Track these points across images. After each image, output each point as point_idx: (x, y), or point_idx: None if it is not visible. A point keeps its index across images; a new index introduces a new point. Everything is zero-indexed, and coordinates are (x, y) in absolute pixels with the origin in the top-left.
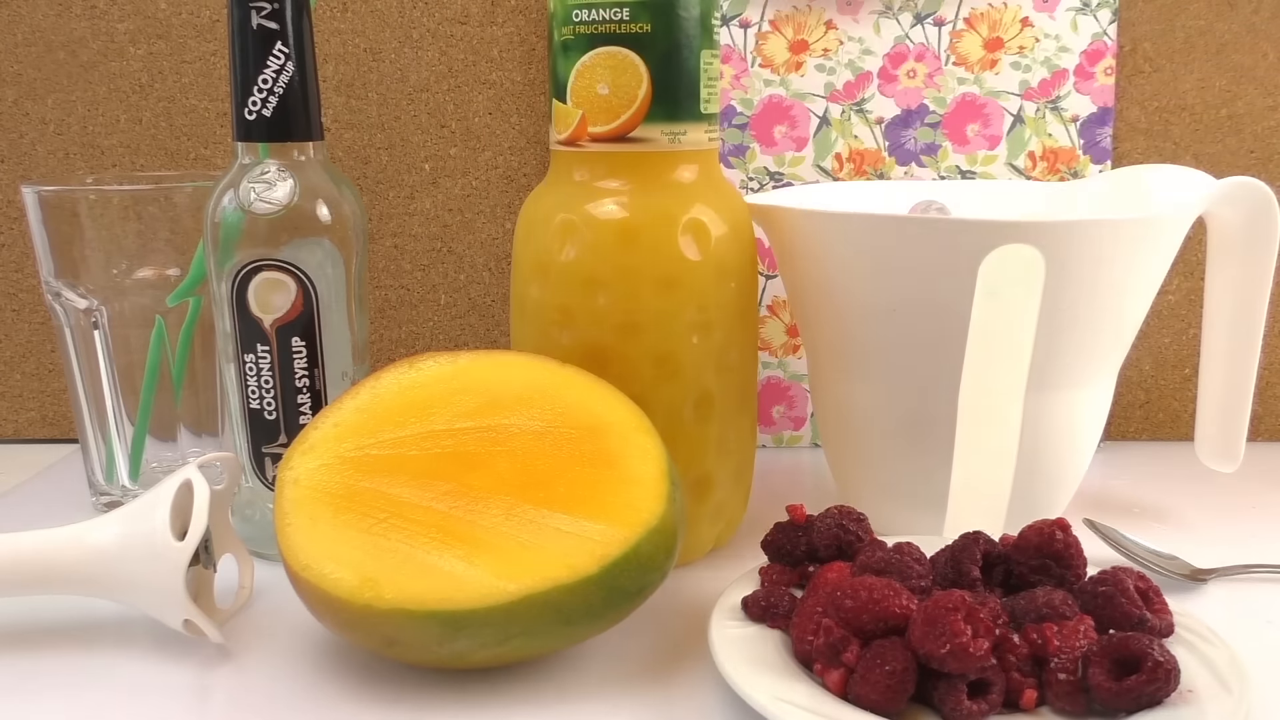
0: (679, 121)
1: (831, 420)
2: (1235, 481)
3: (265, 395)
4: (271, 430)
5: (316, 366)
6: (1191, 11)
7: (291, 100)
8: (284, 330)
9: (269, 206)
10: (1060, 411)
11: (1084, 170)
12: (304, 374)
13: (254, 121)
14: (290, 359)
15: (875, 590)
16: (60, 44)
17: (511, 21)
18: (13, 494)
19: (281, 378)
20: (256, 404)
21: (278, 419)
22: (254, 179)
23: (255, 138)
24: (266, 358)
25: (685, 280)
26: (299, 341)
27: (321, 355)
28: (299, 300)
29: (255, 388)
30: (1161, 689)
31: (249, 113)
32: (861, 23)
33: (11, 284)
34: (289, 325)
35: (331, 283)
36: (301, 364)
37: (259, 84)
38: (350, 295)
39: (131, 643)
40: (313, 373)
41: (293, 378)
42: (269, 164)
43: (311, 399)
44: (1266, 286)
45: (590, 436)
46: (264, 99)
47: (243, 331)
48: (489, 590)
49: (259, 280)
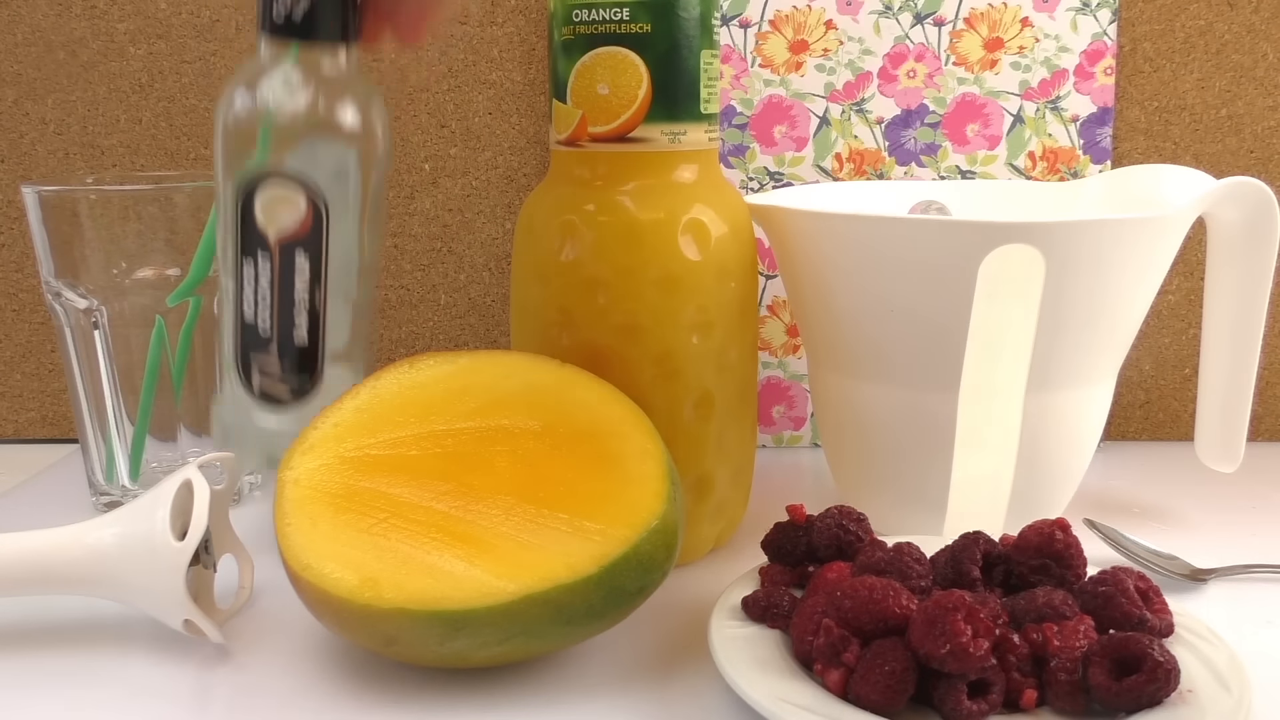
0: (679, 121)
1: (831, 420)
2: (1235, 481)
3: (261, 309)
4: (263, 343)
5: (319, 287)
6: (1191, 11)
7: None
8: (289, 246)
9: (289, 111)
10: (1060, 411)
11: (1084, 170)
12: (304, 292)
13: (282, 20)
14: (292, 276)
15: (875, 590)
16: (60, 44)
17: (511, 21)
18: (13, 494)
19: (280, 294)
20: (251, 316)
21: (271, 336)
22: (273, 81)
23: (282, 36)
24: (267, 271)
25: (685, 280)
26: (303, 258)
27: (325, 276)
28: (308, 218)
29: (251, 300)
30: (1161, 689)
31: (278, 11)
32: (861, 23)
33: (12, 284)
34: (295, 242)
35: (346, 197)
36: (303, 282)
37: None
38: (365, 213)
39: (131, 643)
40: (313, 292)
41: (292, 294)
42: (291, 66)
43: (309, 319)
44: (1266, 286)
45: (590, 436)
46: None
47: (245, 243)
48: (489, 590)
49: (268, 194)
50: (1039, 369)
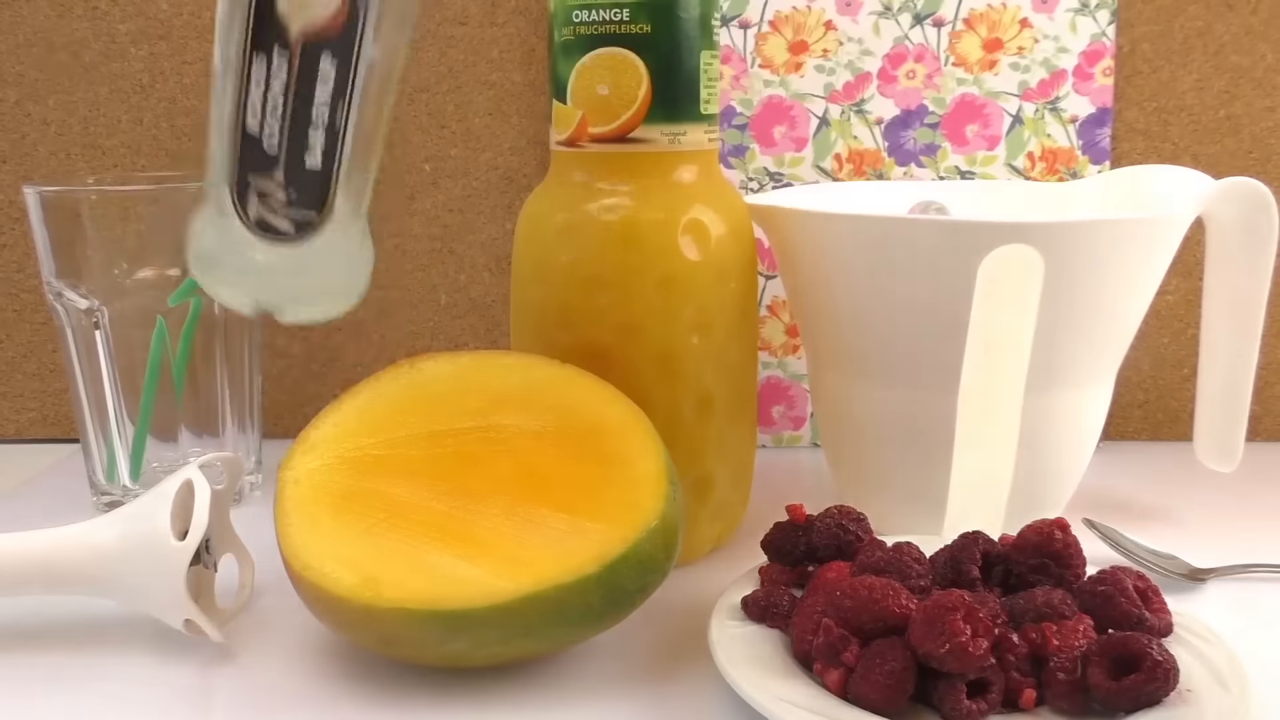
0: (679, 122)
1: (831, 420)
2: (1235, 481)
3: (270, 119)
4: (267, 161)
5: (343, 101)
6: (1190, 12)
7: None
8: (313, 47)
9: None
10: (1060, 411)
11: (1083, 171)
12: (325, 106)
13: None
14: (313, 83)
15: (875, 590)
16: (62, 45)
17: (511, 22)
18: (13, 494)
19: (297, 102)
20: (255, 125)
21: (279, 154)
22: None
23: None
24: (282, 71)
25: (685, 280)
26: (329, 64)
27: (353, 89)
28: (343, 10)
29: (258, 107)
30: (1160, 688)
31: None
32: (861, 23)
33: (13, 284)
34: (321, 42)
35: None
36: (325, 93)
37: None
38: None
39: (131, 643)
40: (336, 107)
41: (310, 106)
42: None
43: (326, 139)
44: (1265, 286)
45: (590, 436)
46: None
47: (258, 32)
48: (489, 590)
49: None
50: (1039, 369)
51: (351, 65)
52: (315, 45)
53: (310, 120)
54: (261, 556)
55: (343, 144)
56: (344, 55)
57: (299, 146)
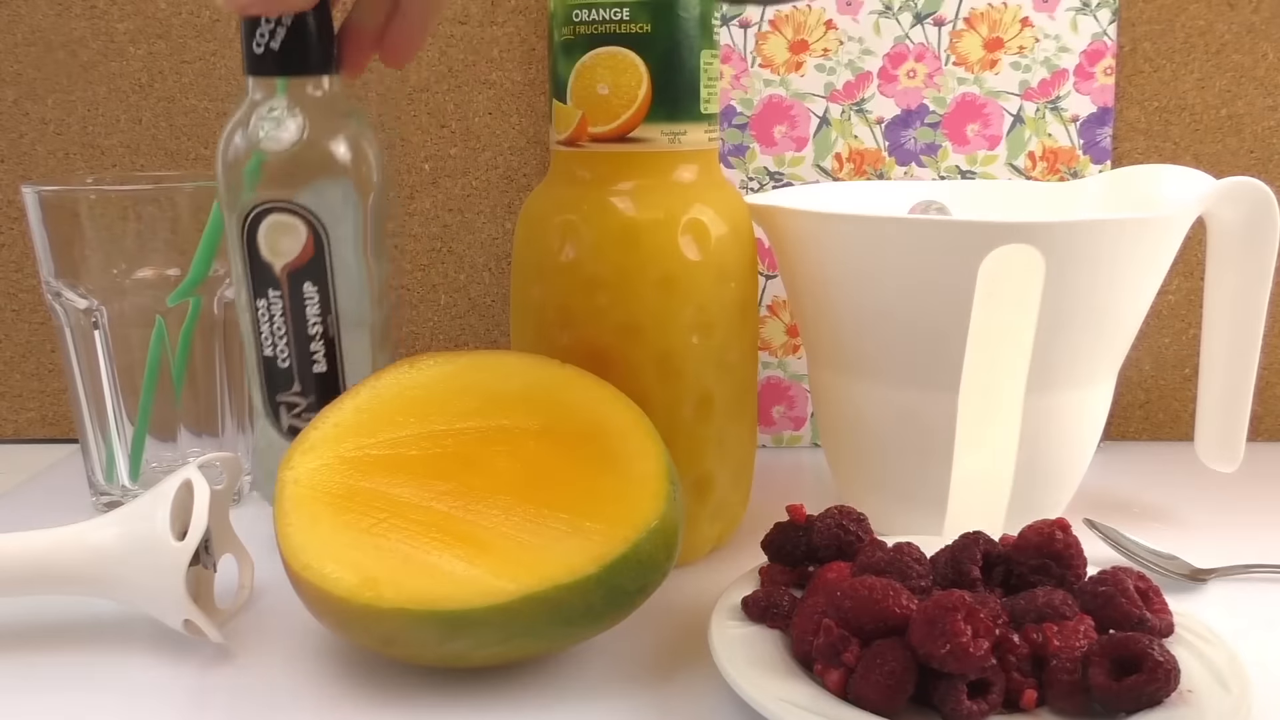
0: (679, 121)
1: (831, 420)
2: (1235, 481)
3: (278, 342)
4: (285, 378)
5: (329, 313)
6: (1191, 11)
7: (301, 31)
8: (295, 275)
9: (278, 145)
10: (1060, 411)
11: (1084, 170)
12: (316, 321)
13: (261, 55)
14: (302, 305)
15: (875, 590)
16: (60, 44)
17: (511, 21)
18: (13, 494)
19: (293, 324)
20: (270, 350)
21: (291, 366)
22: (263, 116)
23: (263, 72)
24: (279, 303)
25: (685, 280)
26: (310, 287)
27: (335, 301)
28: (309, 244)
29: (268, 334)
30: (1161, 689)
31: (257, 45)
32: (861, 23)
33: (11, 284)
34: (300, 270)
35: (347, 225)
36: (314, 310)
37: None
38: (367, 237)
39: (131, 643)
40: (325, 319)
41: (305, 324)
42: (278, 100)
43: (325, 346)
44: (1266, 286)
45: (590, 436)
46: (272, 30)
47: (254, 276)
48: (489, 590)
49: (268, 223)
50: (1039, 369)
51: (329, 284)
52: (296, 274)
53: (308, 334)
54: (261, 556)
55: (339, 349)
56: (320, 277)
57: (305, 357)
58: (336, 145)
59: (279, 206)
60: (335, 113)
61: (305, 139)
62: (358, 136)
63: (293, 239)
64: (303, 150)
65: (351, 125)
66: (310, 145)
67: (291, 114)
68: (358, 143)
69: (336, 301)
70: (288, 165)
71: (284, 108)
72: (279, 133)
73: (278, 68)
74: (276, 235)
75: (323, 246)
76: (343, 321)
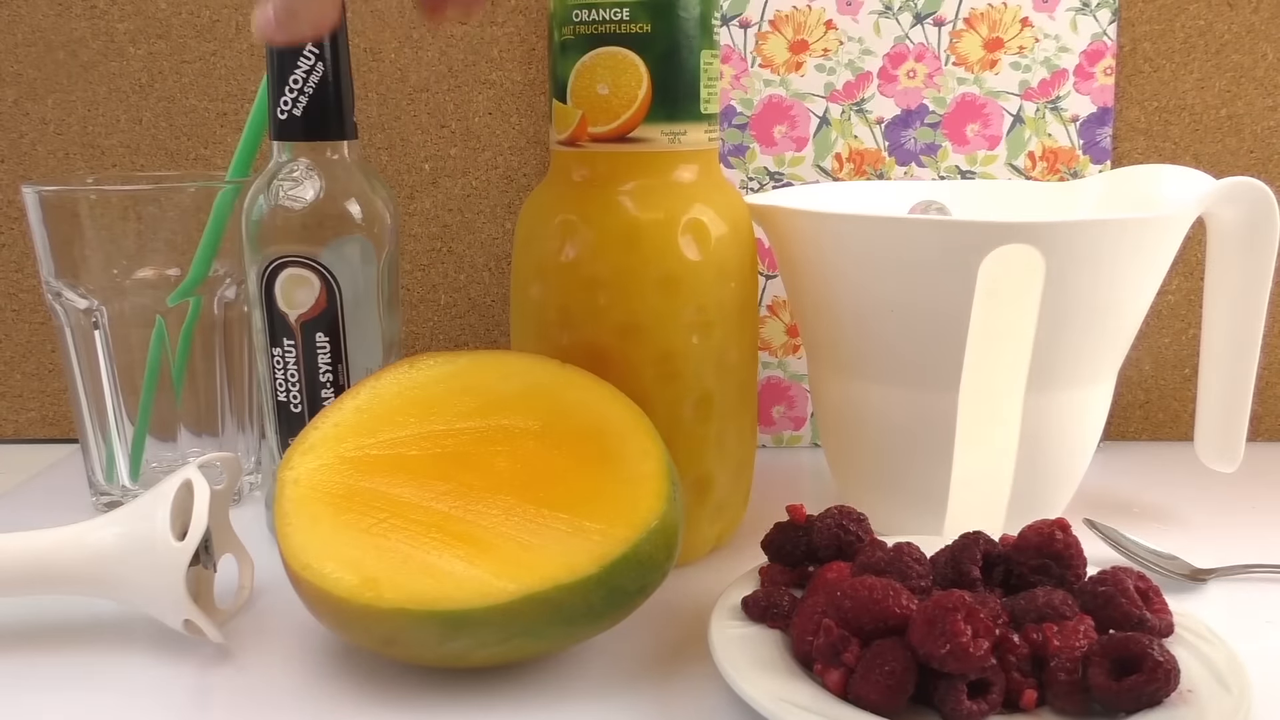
0: (679, 121)
1: (831, 420)
2: (1235, 481)
3: (291, 388)
4: (297, 423)
5: (340, 362)
6: (1191, 11)
7: (322, 100)
8: (309, 325)
9: (296, 204)
10: (1060, 411)
11: (1084, 170)
12: (328, 369)
13: (285, 121)
14: (314, 354)
15: (875, 590)
16: (60, 44)
17: (511, 21)
18: (13, 494)
19: (306, 372)
20: (284, 396)
21: (303, 412)
22: (283, 177)
23: (286, 137)
24: (292, 352)
25: (685, 280)
26: (323, 337)
27: (345, 351)
28: (322, 297)
29: (282, 380)
30: (1161, 689)
31: (281, 112)
32: (861, 23)
33: (12, 284)
34: (313, 321)
35: (361, 279)
36: (325, 359)
37: (289, 84)
38: (379, 292)
39: (131, 643)
40: (336, 368)
41: (317, 372)
42: (299, 163)
43: (335, 394)
44: (1266, 286)
45: (590, 436)
46: (294, 99)
47: (271, 325)
48: (489, 590)
49: (284, 276)
50: (1039, 369)
51: (340, 335)
52: (309, 324)
53: (319, 381)
54: (261, 556)
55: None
56: (331, 328)
57: (317, 404)
58: (352, 205)
59: (294, 260)
60: (350, 173)
61: (321, 199)
62: (372, 198)
63: (306, 291)
64: (319, 209)
65: (365, 185)
66: (327, 204)
67: (309, 176)
68: (372, 203)
69: (347, 351)
70: (305, 221)
71: (303, 170)
72: (297, 193)
73: (299, 133)
74: (292, 287)
75: (335, 299)
76: (353, 370)
